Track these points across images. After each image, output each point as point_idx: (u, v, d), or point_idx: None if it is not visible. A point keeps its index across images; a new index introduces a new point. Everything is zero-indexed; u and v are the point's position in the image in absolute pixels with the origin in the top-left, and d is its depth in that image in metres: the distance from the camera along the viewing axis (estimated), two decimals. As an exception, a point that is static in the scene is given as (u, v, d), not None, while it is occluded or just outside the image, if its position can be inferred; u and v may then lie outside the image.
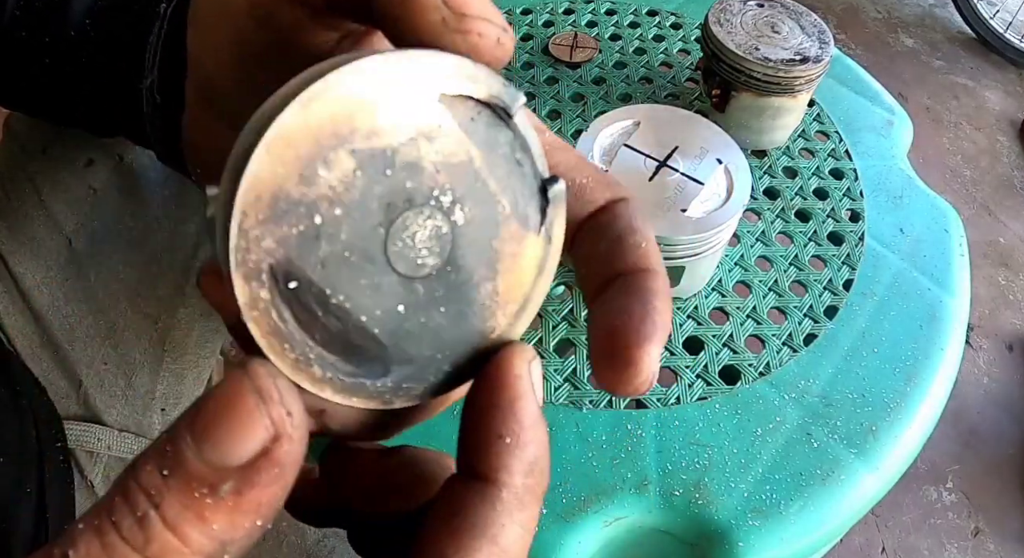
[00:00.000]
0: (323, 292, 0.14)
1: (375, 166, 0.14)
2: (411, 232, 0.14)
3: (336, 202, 0.14)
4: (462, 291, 0.16)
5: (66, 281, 0.48)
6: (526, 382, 0.16)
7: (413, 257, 0.15)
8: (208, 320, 0.54)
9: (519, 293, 0.17)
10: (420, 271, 0.15)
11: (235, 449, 0.12)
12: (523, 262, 0.16)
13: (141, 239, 0.51)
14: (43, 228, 0.48)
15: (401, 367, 0.16)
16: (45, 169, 0.48)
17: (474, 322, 0.16)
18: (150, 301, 0.51)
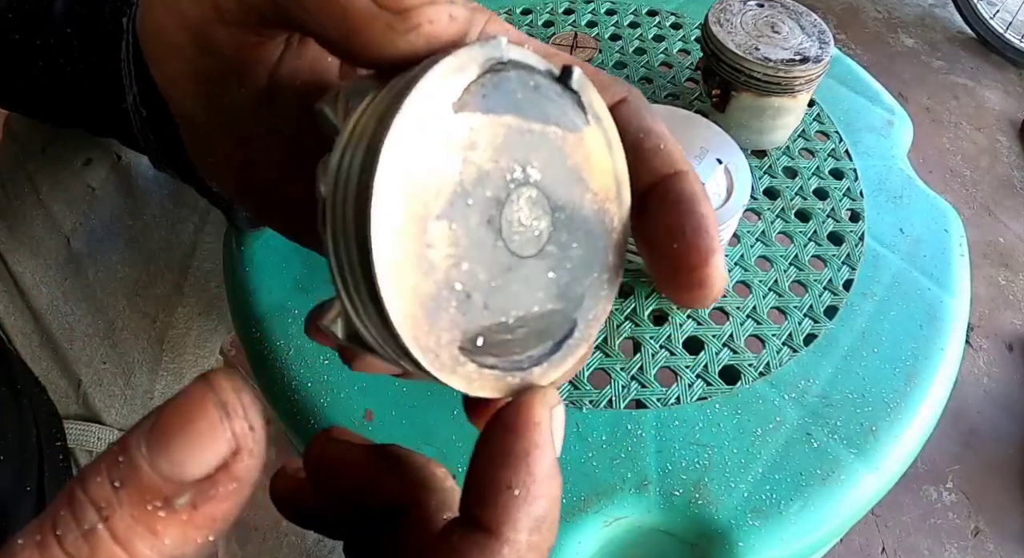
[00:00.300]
0: (501, 324, 0.15)
1: (457, 208, 0.14)
2: (515, 221, 0.15)
3: (459, 259, 0.15)
4: (576, 219, 0.16)
5: (65, 280, 0.49)
6: (544, 431, 0.15)
7: (531, 236, 0.16)
8: (206, 319, 0.55)
9: (609, 178, 0.17)
10: (543, 239, 0.16)
11: (194, 462, 0.12)
12: (595, 156, 0.17)
13: (139, 238, 0.51)
14: (42, 227, 0.48)
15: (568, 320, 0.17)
16: (44, 168, 0.48)
17: (598, 232, 0.17)
18: (148, 300, 0.51)
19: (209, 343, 0.56)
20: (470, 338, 0.15)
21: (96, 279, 0.49)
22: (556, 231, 0.16)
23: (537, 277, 0.16)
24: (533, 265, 0.16)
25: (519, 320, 0.16)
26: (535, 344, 0.17)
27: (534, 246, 0.16)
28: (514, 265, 0.15)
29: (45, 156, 0.48)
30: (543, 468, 0.15)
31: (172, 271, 0.52)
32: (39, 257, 0.48)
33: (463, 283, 0.15)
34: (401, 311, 0.14)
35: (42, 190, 0.48)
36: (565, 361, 0.17)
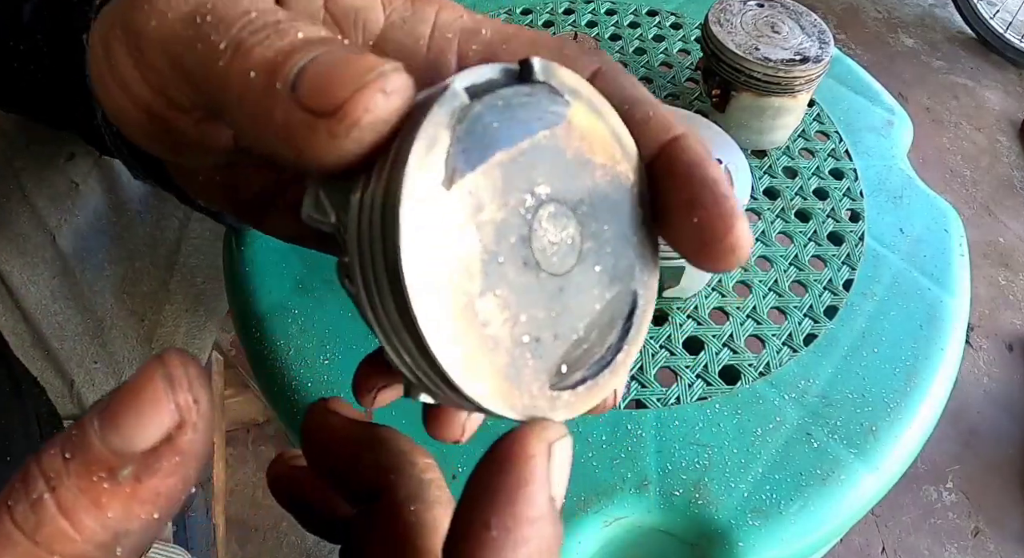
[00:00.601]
0: (575, 341, 0.16)
1: (493, 275, 0.14)
2: (546, 245, 0.15)
3: (515, 316, 0.15)
4: (597, 202, 0.16)
5: (53, 278, 0.48)
6: (537, 466, 0.13)
7: (566, 248, 0.15)
8: (194, 315, 0.54)
9: (609, 142, 0.17)
10: (577, 243, 0.16)
11: (138, 433, 0.12)
12: (588, 130, 0.16)
13: (124, 235, 0.50)
14: (28, 224, 0.48)
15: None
16: (29, 165, 0.48)
17: (620, 198, 0.17)
18: (136, 298, 0.51)
19: (198, 340, 0.55)
20: (555, 372, 0.15)
21: (83, 278, 0.49)
22: (585, 226, 0.16)
23: (587, 279, 0.16)
24: (579, 271, 0.16)
25: (588, 326, 0.16)
26: (609, 333, 0.17)
27: (573, 255, 0.16)
28: (564, 284, 0.15)
29: (30, 152, 0.48)
30: (533, 508, 0.13)
31: (158, 268, 0.52)
32: (26, 255, 0.48)
33: (529, 334, 0.14)
34: (489, 396, 0.14)
35: (27, 187, 0.48)
36: (639, 332, 0.17)
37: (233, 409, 1.05)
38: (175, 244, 0.53)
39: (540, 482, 0.13)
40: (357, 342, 0.47)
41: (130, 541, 0.13)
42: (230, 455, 1.12)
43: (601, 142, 0.16)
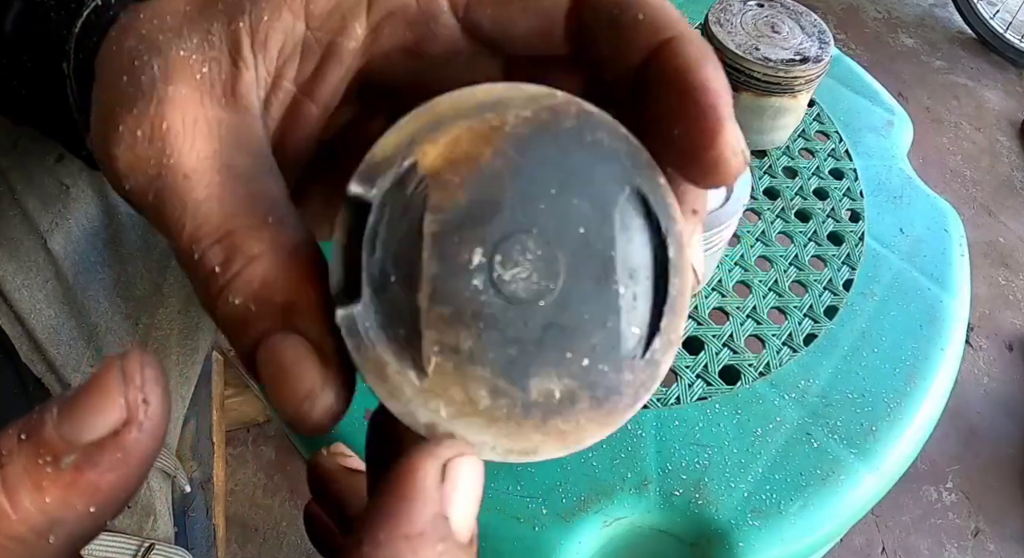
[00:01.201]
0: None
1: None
2: (511, 271, 0.15)
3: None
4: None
5: (46, 283, 0.48)
6: (420, 481, 0.13)
7: (532, 287, 0.15)
8: (186, 317, 0.54)
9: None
10: (542, 274, 0.15)
11: (87, 424, 0.12)
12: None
13: (116, 238, 0.50)
14: (19, 228, 0.48)
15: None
16: (17, 165, 0.48)
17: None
18: (129, 302, 0.51)
19: (191, 340, 0.55)
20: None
21: (76, 281, 0.49)
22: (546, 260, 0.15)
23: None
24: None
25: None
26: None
27: (534, 288, 0.15)
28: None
29: (17, 152, 0.47)
30: (410, 524, 0.12)
31: (151, 271, 0.52)
32: (19, 259, 0.47)
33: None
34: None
35: (17, 188, 0.47)
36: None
37: (233, 409, 1.05)
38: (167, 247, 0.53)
39: (423, 498, 0.13)
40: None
41: (63, 531, 0.13)
42: (230, 455, 1.12)
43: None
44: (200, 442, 0.66)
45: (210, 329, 0.58)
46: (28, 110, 0.28)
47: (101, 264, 0.50)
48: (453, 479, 0.13)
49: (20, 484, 0.12)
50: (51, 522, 0.12)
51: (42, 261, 0.48)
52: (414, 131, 0.15)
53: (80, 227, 0.49)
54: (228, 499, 1.07)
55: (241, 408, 1.06)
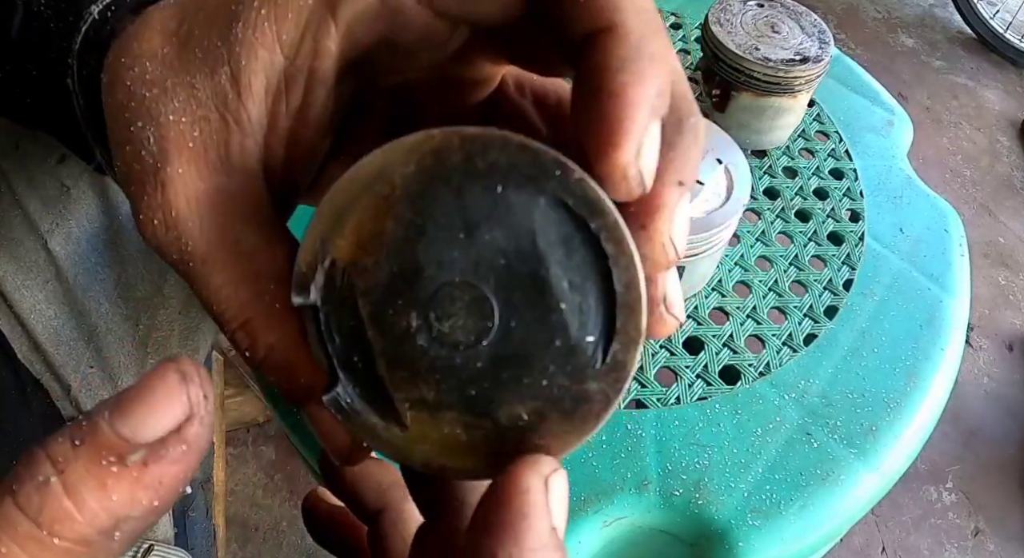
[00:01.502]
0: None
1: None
2: (448, 318, 0.15)
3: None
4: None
5: (46, 283, 0.48)
6: (536, 499, 0.14)
7: (458, 326, 0.15)
8: (186, 317, 0.54)
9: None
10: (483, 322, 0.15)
11: (151, 424, 0.13)
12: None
13: (116, 239, 0.50)
14: (20, 228, 0.48)
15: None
16: (18, 166, 0.48)
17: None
18: (130, 303, 0.51)
19: (191, 341, 0.55)
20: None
21: (77, 283, 0.49)
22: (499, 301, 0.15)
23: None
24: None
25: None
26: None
27: (466, 332, 0.15)
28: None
29: (19, 153, 0.47)
30: (533, 539, 0.14)
31: (152, 273, 0.52)
32: (19, 260, 0.47)
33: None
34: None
35: (18, 189, 0.47)
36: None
37: (233, 409, 1.05)
38: None
39: (540, 514, 0.14)
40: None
41: (129, 527, 0.13)
42: (230, 455, 1.12)
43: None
44: (200, 442, 0.66)
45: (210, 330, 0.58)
46: (36, 117, 0.28)
47: (102, 265, 0.50)
48: (555, 492, 0.14)
49: (83, 485, 0.12)
50: (118, 520, 0.13)
51: (42, 262, 0.48)
52: (323, 230, 0.15)
53: (81, 228, 0.49)
54: (228, 499, 1.07)
55: (241, 408, 1.06)
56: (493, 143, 0.15)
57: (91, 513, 0.12)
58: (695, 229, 0.45)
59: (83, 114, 0.24)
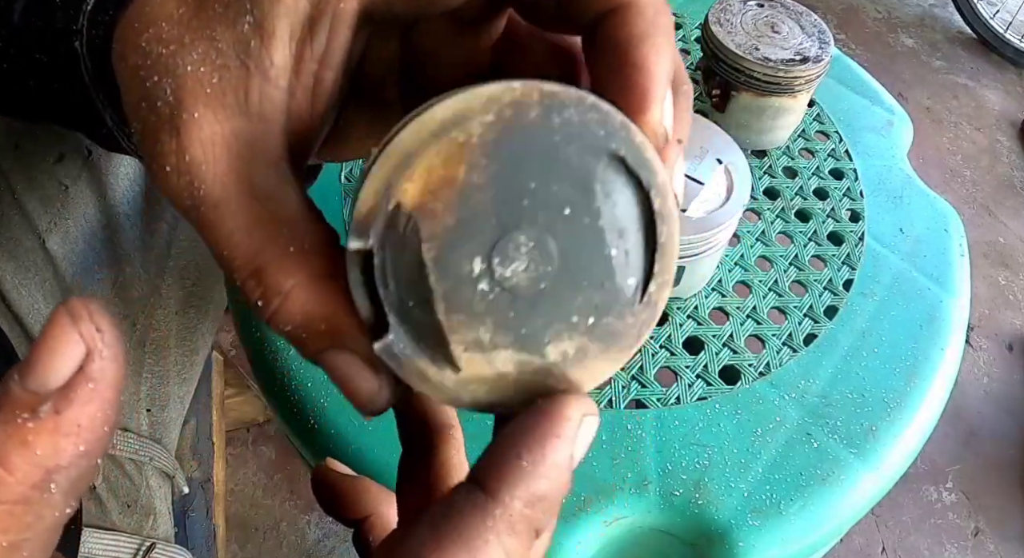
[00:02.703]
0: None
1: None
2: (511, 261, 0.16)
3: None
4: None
5: (44, 282, 0.48)
6: (571, 427, 0.16)
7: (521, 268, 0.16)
8: (184, 317, 0.54)
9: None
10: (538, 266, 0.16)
11: (52, 370, 0.13)
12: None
13: (113, 238, 0.50)
14: (19, 227, 0.48)
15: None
16: (17, 166, 0.48)
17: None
18: (127, 302, 0.51)
19: (189, 342, 0.55)
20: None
21: (74, 282, 0.49)
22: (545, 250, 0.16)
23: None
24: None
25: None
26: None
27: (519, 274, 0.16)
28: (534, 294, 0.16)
29: (18, 152, 0.47)
30: (557, 456, 0.16)
31: (149, 272, 0.52)
32: (18, 259, 0.47)
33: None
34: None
35: (17, 189, 0.47)
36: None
37: (233, 409, 1.05)
38: (165, 248, 0.53)
39: (568, 438, 0.16)
40: (357, 342, 0.47)
41: (63, 477, 0.13)
42: (230, 455, 1.12)
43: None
44: (200, 442, 0.66)
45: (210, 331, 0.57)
46: (41, 104, 0.28)
47: (99, 264, 0.50)
48: (585, 429, 0.16)
49: (6, 448, 0.13)
50: (48, 472, 0.13)
51: (40, 261, 0.48)
52: (388, 175, 0.15)
53: (78, 227, 0.49)
54: (228, 499, 1.07)
55: (241, 408, 1.06)
56: (569, 100, 0.16)
57: (21, 472, 0.13)
58: (695, 229, 0.45)
59: (92, 79, 0.24)
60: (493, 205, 0.16)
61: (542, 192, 0.16)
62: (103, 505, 0.49)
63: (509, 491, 0.15)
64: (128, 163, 0.49)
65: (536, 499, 0.15)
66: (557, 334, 0.17)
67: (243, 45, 0.17)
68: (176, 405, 0.55)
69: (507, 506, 0.15)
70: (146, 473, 0.51)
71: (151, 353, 0.52)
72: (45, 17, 0.25)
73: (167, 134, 0.17)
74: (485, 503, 0.15)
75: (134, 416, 0.50)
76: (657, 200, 0.17)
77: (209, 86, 0.17)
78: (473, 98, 0.15)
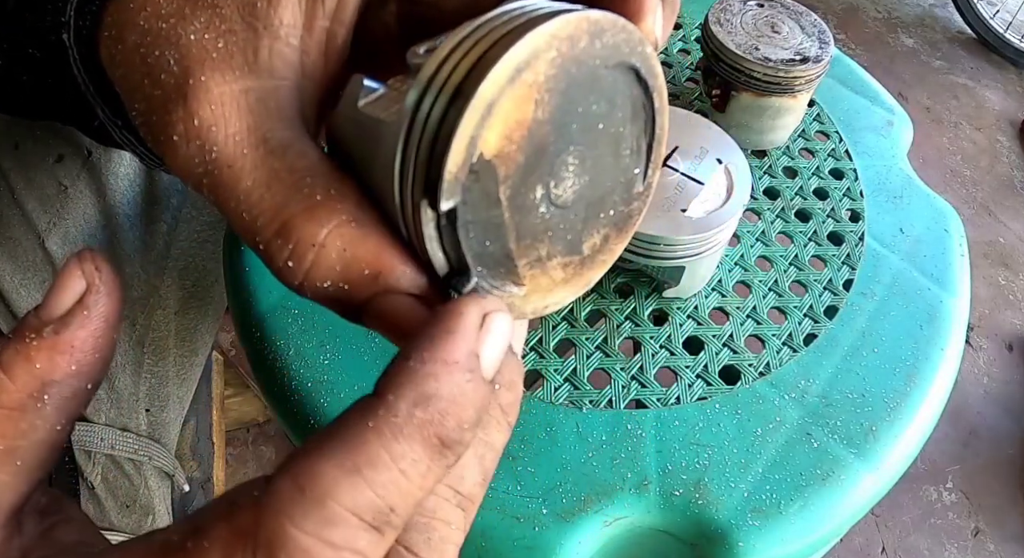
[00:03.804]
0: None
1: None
2: (558, 180, 0.17)
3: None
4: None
5: (44, 283, 0.48)
6: (464, 322, 0.15)
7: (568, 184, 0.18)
8: (184, 318, 0.54)
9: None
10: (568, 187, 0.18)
11: (58, 301, 0.16)
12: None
13: (112, 237, 0.50)
14: (19, 228, 0.48)
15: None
16: (17, 166, 0.48)
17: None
18: (126, 303, 0.51)
19: (189, 342, 0.55)
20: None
21: None
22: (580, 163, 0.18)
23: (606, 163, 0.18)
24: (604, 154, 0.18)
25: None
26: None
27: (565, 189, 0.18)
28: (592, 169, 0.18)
29: (18, 153, 0.47)
30: (446, 351, 0.14)
31: (148, 273, 0.52)
32: (17, 259, 0.48)
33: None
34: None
35: (17, 189, 0.47)
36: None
37: (233, 409, 1.05)
38: (164, 248, 0.53)
39: (463, 335, 0.15)
40: (357, 342, 0.47)
41: (55, 392, 0.16)
42: (230, 455, 1.12)
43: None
44: (200, 442, 0.66)
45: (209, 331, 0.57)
46: (37, 100, 0.28)
47: None
48: (489, 327, 0.15)
49: (13, 361, 0.15)
50: (43, 384, 0.16)
51: (40, 261, 0.48)
52: (472, 128, 0.15)
53: (77, 227, 0.49)
54: (228, 499, 1.06)
55: (241, 408, 1.06)
56: (607, 26, 0.17)
57: (21, 381, 0.15)
58: (695, 229, 0.45)
59: (81, 72, 0.24)
60: (552, 135, 0.17)
61: (584, 113, 0.17)
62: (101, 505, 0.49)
63: (394, 390, 0.14)
64: (127, 164, 0.49)
65: (425, 399, 0.14)
66: (590, 230, 0.19)
67: (249, 7, 0.17)
68: (175, 405, 0.55)
69: (392, 406, 0.14)
70: (145, 473, 0.51)
71: (150, 353, 0.52)
72: (36, 11, 0.25)
73: (174, 103, 0.16)
74: (372, 403, 0.14)
75: (133, 416, 0.50)
76: (657, 100, 0.19)
77: (215, 51, 0.17)
78: (539, 37, 0.15)
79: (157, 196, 0.52)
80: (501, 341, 0.15)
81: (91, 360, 0.16)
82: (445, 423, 0.14)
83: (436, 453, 0.14)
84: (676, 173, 0.48)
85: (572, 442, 0.44)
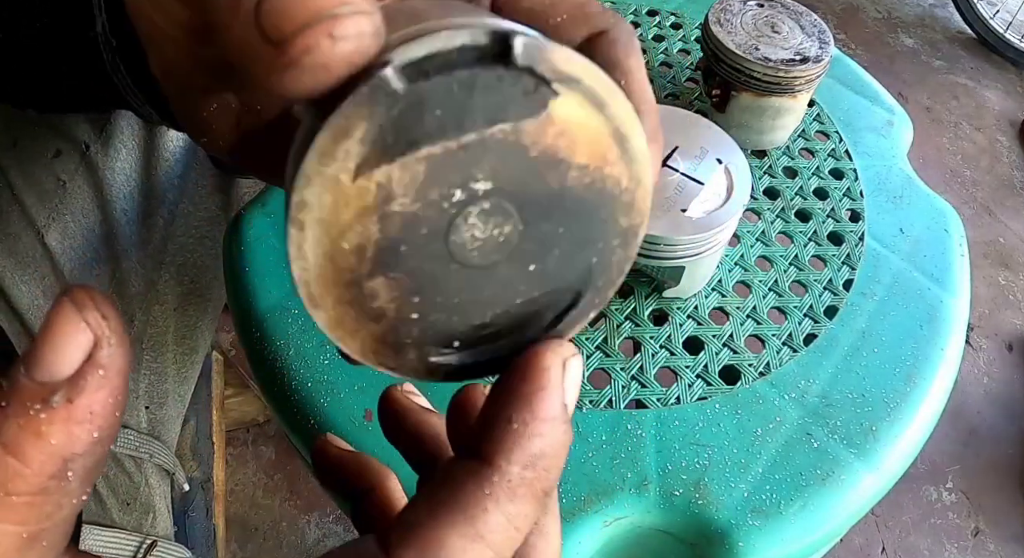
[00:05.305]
0: (477, 325, 0.17)
1: (389, 260, 0.15)
2: (469, 240, 0.15)
3: (408, 297, 0.16)
4: (557, 205, 0.16)
5: (43, 278, 0.48)
6: (552, 376, 0.16)
7: (495, 244, 0.16)
8: (183, 315, 0.54)
9: (602, 141, 0.15)
10: (512, 241, 0.15)
11: (61, 360, 0.13)
12: (575, 126, 0.15)
13: (110, 233, 0.50)
14: (18, 223, 0.48)
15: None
16: (16, 162, 0.48)
17: (596, 203, 0.17)
18: (124, 299, 0.51)
19: (188, 340, 0.55)
20: (444, 344, 0.16)
21: (72, 277, 0.49)
22: (530, 226, 0.15)
23: (514, 275, 0.16)
24: (506, 267, 0.16)
25: (498, 315, 0.16)
26: (528, 326, 0.17)
27: (502, 252, 0.15)
28: (479, 277, 0.16)
29: (16, 149, 0.48)
30: (545, 409, 0.15)
31: (146, 267, 0.52)
32: (17, 255, 0.48)
33: (420, 312, 0.16)
34: (360, 353, 0.16)
35: (16, 185, 0.48)
36: (568, 329, 0.18)
37: (233, 409, 1.05)
38: (161, 243, 0.53)
39: (554, 389, 0.15)
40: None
41: (79, 464, 0.13)
42: (230, 455, 1.12)
43: (590, 140, 0.15)
44: (200, 442, 0.66)
45: (208, 329, 0.58)
46: (73, 90, 0.28)
47: (96, 260, 0.50)
48: (571, 373, 0.16)
49: (20, 439, 0.13)
50: (64, 461, 0.13)
51: (39, 256, 0.48)
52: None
53: (76, 222, 0.49)
54: (228, 499, 1.07)
55: (241, 408, 1.06)
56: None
57: (37, 463, 0.13)
58: (695, 229, 0.45)
59: (107, 45, 0.25)
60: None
61: (553, 212, 0.17)
62: (102, 502, 0.49)
63: (504, 456, 0.15)
64: (124, 158, 0.49)
65: (534, 459, 0.15)
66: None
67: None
68: (175, 403, 0.55)
69: (504, 472, 0.15)
70: (145, 471, 0.51)
71: (149, 349, 0.52)
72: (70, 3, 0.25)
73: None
74: (481, 471, 0.15)
75: (132, 413, 0.50)
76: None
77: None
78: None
79: (153, 191, 0.52)
80: (578, 383, 0.16)
81: (113, 422, 0.14)
82: (550, 477, 0.15)
83: (541, 504, 0.15)
84: (676, 173, 0.48)
85: (572, 442, 0.44)
